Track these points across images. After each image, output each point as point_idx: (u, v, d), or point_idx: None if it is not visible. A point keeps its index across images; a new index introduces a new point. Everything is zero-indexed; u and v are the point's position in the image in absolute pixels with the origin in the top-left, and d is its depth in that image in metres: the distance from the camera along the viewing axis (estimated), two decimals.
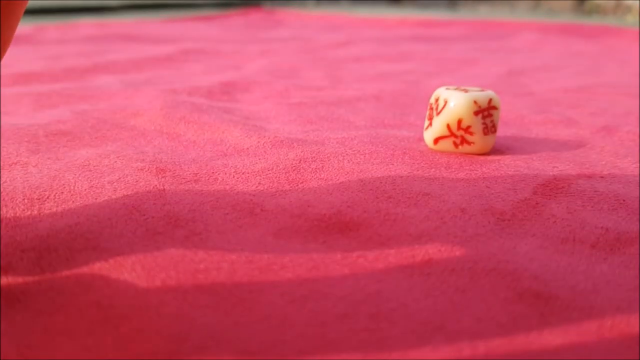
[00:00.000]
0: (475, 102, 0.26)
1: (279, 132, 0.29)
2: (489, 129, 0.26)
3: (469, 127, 0.26)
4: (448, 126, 0.26)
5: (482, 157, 0.25)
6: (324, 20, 1.02)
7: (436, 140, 0.27)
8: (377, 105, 0.36)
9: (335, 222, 0.19)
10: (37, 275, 0.16)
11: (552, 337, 0.13)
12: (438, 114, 0.27)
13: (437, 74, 0.49)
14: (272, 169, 0.24)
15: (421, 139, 0.29)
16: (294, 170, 0.24)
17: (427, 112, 0.28)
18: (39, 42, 0.66)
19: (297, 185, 0.22)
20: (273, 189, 0.22)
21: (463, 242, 0.17)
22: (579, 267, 0.16)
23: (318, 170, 0.24)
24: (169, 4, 1.34)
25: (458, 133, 0.26)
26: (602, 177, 0.23)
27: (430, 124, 0.27)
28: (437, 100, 0.27)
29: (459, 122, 0.26)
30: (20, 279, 0.16)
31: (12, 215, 0.20)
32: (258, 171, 0.24)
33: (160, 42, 0.68)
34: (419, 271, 0.16)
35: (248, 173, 0.24)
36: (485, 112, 0.26)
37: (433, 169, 0.24)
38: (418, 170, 0.23)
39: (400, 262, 0.16)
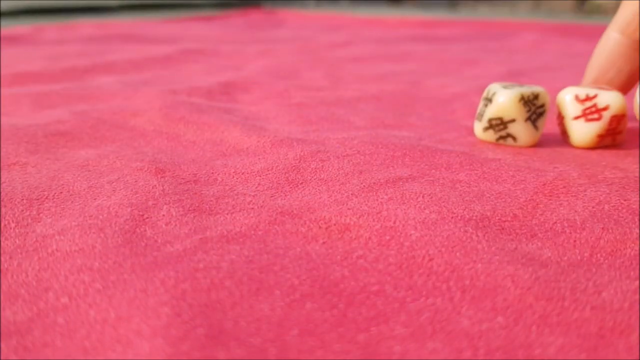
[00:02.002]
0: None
1: (278, 132, 0.29)
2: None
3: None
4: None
5: (482, 157, 0.25)
6: (324, 20, 1.02)
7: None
8: (377, 106, 0.36)
9: (335, 223, 0.19)
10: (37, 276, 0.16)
11: (554, 337, 0.13)
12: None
13: (437, 74, 0.49)
14: (272, 169, 0.24)
15: (421, 138, 0.29)
16: (294, 170, 0.24)
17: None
18: (38, 42, 0.66)
19: (297, 185, 0.22)
20: (273, 189, 0.22)
21: (464, 242, 0.17)
22: (580, 267, 0.16)
23: (318, 170, 0.24)
24: (169, 4, 1.34)
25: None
26: (603, 177, 0.23)
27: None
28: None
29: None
30: (20, 279, 0.16)
31: (11, 215, 0.20)
32: (258, 171, 0.24)
33: (159, 42, 0.68)
34: (419, 271, 0.16)
35: (248, 173, 0.23)
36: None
37: (433, 170, 0.24)
38: (418, 171, 0.23)
39: (400, 263, 0.16)
